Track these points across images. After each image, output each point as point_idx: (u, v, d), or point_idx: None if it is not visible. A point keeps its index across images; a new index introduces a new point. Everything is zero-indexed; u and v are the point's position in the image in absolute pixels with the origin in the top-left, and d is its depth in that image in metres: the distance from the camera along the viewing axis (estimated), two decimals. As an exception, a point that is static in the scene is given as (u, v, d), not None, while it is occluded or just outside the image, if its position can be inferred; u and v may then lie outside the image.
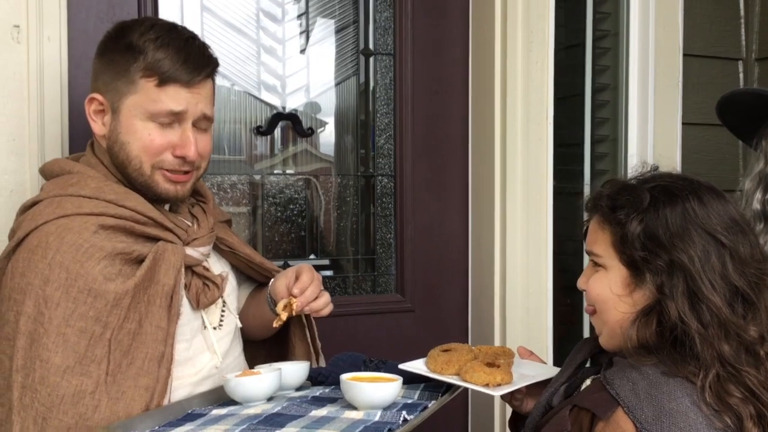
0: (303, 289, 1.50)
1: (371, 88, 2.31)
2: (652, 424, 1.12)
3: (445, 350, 1.50)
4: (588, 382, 1.34)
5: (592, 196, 1.33)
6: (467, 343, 2.34)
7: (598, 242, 1.28)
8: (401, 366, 1.48)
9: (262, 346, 1.73)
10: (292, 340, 1.71)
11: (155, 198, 1.47)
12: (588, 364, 1.41)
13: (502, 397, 1.43)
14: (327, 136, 2.31)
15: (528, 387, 1.44)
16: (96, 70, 1.47)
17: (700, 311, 1.17)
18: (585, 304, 1.36)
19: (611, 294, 1.25)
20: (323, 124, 2.29)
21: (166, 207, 1.52)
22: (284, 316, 1.49)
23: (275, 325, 1.50)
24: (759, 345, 1.19)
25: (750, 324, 1.19)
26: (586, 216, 1.35)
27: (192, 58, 1.43)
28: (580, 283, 1.34)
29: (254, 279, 1.72)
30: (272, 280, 1.61)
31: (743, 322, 1.19)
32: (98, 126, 1.46)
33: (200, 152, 1.46)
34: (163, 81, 1.41)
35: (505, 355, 1.51)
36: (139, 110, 1.42)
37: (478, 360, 1.46)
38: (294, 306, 1.49)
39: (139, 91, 1.41)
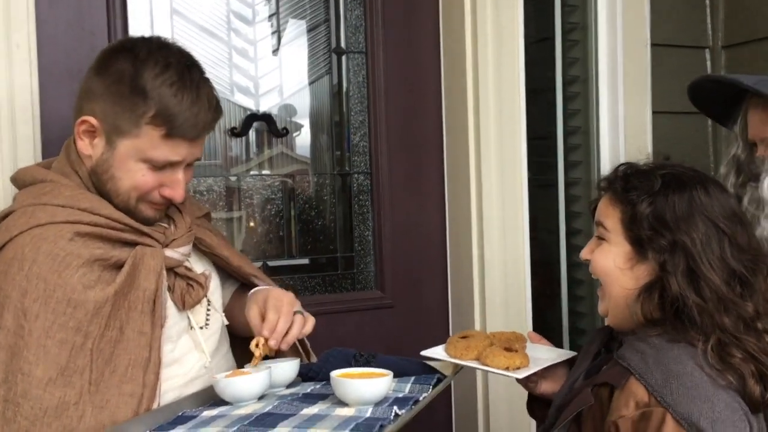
0: (272, 329, 1.48)
1: (344, 86, 2.31)
2: (662, 386, 1.21)
3: (463, 337, 1.56)
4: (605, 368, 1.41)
5: (606, 176, 1.43)
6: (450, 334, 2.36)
7: (609, 217, 1.37)
8: (423, 352, 1.55)
9: (249, 342, 1.72)
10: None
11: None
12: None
13: (520, 380, 1.49)
14: (302, 136, 2.30)
15: (542, 369, 1.51)
16: (92, 90, 1.41)
17: (699, 287, 1.27)
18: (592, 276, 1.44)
19: (614, 267, 1.36)
20: (298, 124, 2.29)
21: None
22: (258, 354, 1.48)
23: (252, 364, 1.48)
24: (757, 320, 1.29)
25: (747, 302, 1.29)
26: (598, 193, 1.45)
27: (202, 113, 1.40)
28: (584, 254, 1.43)
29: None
30: (253, 291, 1.59)
31: (740, 300, 1.29)
32: (85, 146, 1.43)
33: (185, 184, 1.46)
34: (170, 135, 1.38)
35: (518, 340, 1.59)
36: (136, 153, 1.39)
37: (496, 345, 1.52)
38: (269, 345, 1.48)
39: (141, 136, 1.38)
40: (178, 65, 1.40)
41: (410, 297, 2.35)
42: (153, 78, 1.37)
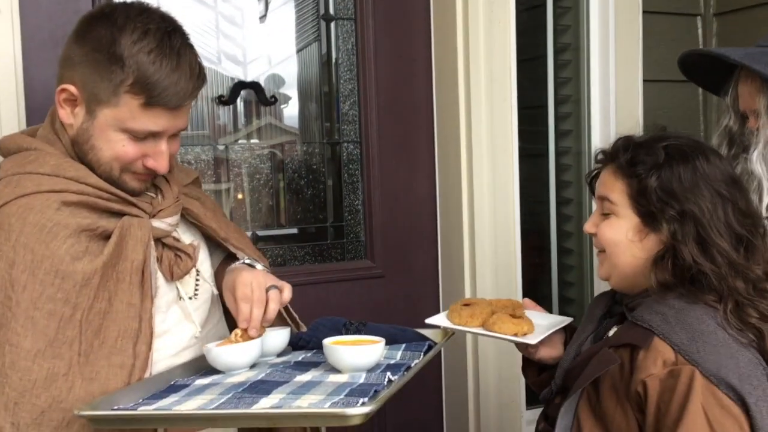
0: (247, 320, 1.45)
1: (333, 54, 2.29)
2: (688, 345, 1.25)
3: (465, 305, 1.57)
4: (613, 330, 1.44)
5: (606, 149, 1.46)
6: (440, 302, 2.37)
7: (615, 191, 1.41)
8: (427, 320, 1.56)
9: None
10: None
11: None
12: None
13: (523, 345, 1.53)
14: (290, 105, 2.28)
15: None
16: (72, 58, 1.37)
17: (711, 254, 1.32)
18: (594, 247, 1.50)
19: (625, 239, 1.39)
20: (286, 94, 2.26)
21: None
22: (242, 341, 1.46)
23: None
24: (765, 281, 1.35)
25: (753, 265, 1.34)
26: (595, 165, 1.49)
27: (183, 80, 1.34)
28: (588, 227, 1.47)
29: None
30: (224, 294, 1.55)
31: (748, 263, 1.34)
32: (66, 114, 1.39)
33: (171, 155, 1.43)
34: (150, 104, 1.33)
35: (517, 307, 1.60)
36: (116, 122, 1.35)
37: (501, 312, 1.53)
38: (249, 333, 1.45)
39: (120, 106, 1.33)
40: (157, 31, 1.35)
41: (400, 266, 2.35)
42: (131, 45, 1.32)
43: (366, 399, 1.15)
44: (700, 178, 1.35)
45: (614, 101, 2.39)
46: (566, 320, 1.59)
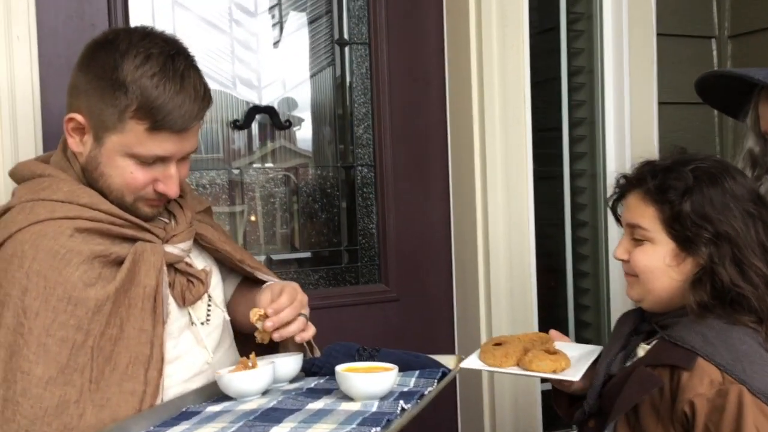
0: (278, 310, 1.45)
1: (347, 78, 2.30)
2: (733, 365, 1.26)
3: (497, 344, 1.53)
4: (642, 348, 1.43)
5: (628, 174, 1.46)
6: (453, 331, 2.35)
7: (646, 217, 1.40)
8: (462, 365, 1.52)
9: (252, 338, 1.71)
10: (285, 343, 1.69)
11: None
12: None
13: (564, 380, 1.48)
14: (305, 129, 2.29)
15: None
16: (77, 86, 1.39)
17: (748, 276, 1.33)
18: (623, 271, 1.48)
19: (662, 265, 1.39)
20: (300, 117, 2.27)
21: None
22: (263, 336, 1.47)
23: (259, 340, 1.48)
24: None
25: None
26: (616, 191, 1.49)
27: (187, 103, 1.35)
28: (619, 254, 1.46)
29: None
30: (259, 294, 1.56)
31: None
32: (75, 143, 1.40)
33: (181, 179, 1.43)
34: (155, 129, 1.34)
35: (545, 340, 1.58)
36: (123, 148, 1.36)
37: (536, 349, 1.49)
38: (265, 324, 1.45)
39: (126, 132, 1.35)
40: (160, 55, 1.35)
41: (415, 290, 2.34)
42: (133, 70, 1.32)
43: (378, 429, 1.14)
44: (729, 198, 1.36)
45: (629, 123, 2.38)
46: (597, 349, 1.55)
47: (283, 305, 1.47)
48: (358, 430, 1.14)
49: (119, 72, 1.33)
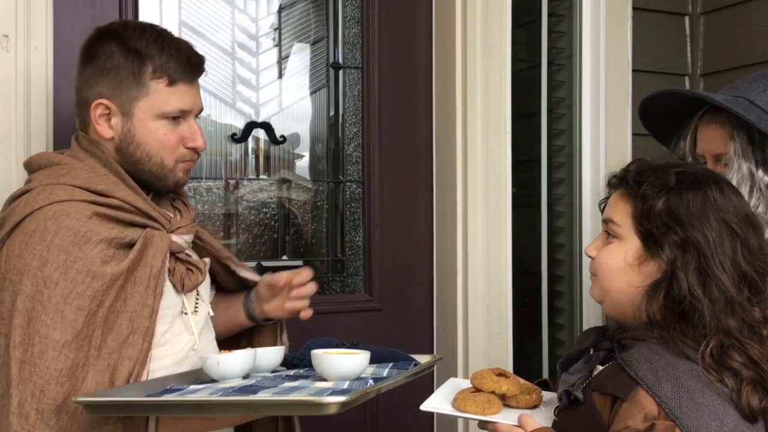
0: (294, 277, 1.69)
1: (340, 99, 2.44)
2: (671, 398, 1.20)
3: (477, 390, 1.49)
4: (599, 367, 1.39)
5: (616, 173, 1.43)
6: (433, 338, 2.46)
7: (619, 212, 1.37)
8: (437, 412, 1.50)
9: (226, 345, 1.77)
10: (260, 340, 1.81)
11: (164, 188, 1.59)
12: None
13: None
14: (299, 145, 2.43)
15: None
16: (90, 77, 1.54)
17: (709, 287, 1.26)
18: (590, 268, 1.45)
19: (623, 263, 1.35)
20: (295, 133, 2.42)
21: (149, 197, 1.59)
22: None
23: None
24: (763, 326, 1.28)
25: (755, 306, 1.28)
26: (607, 192, 1.45)
27: (191, 54, 1.57)
28: (589, 250, 1.43)
29: (219, 283, 1.80)
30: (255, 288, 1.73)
31: (748, 304, 1.28)
32: (104, 129, 1.54)
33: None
34: (173, 81, 1.52)
35: (530, 391, 1.53)
36: (152, 111, 1.52)
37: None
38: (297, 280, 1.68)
39: (150, 94, 1.52)
40: (151, 27, 1.57)
41: (397, 301, 2.45)
42: (138, 40, 1.52)
43: (345, 397, 1.20)
44: (710, 207, 1.30)
45: (604, 152, 2.51)
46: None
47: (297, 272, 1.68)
48: (327, 399, 1.20)
49: (128, 44, 1.52)
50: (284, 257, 2.39)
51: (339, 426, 2.28)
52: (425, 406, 1.47)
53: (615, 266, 1.36)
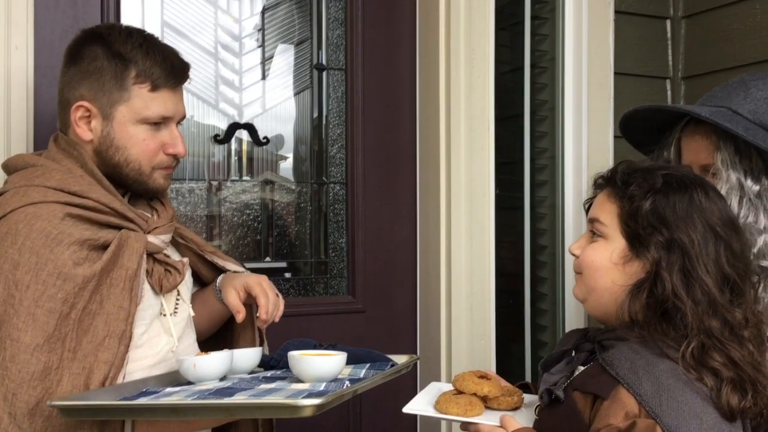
0: (267, 311, 1.63)
1: (324, 100, 2.45)
2: (652, 397, 1.23)
3: (459, 392, 1.51)
4: (580, 368, 1.42)
5: (603, 173, 1.45)
6: (416, 341, 2.47)
7: (605, 212, 1.40)
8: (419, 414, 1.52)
9: (207, 344, 1.78)
10: (238, 340, 1.80)
11: (145, 192, 1.59)
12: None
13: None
14: (282, 146, 2.43)
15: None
16: (72, 78, 1.53)
17: (692, 288, 1.29)
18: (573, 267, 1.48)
19: (608, 262, 1.38)
20: (278, 135, 2.42)
21: (126, 198, 1.59)
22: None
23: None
24: (743, 328, 1.31)
25: (736, 308, 1.31)
26: (593, 192, 1.47)
27: (175, 60, 1.56)
28: (573, 248, 1.46)
29: (199, 279, 1.79)
30: (222, 276, 1.71)
31: (730, 305, 1.31)
32: (84, 131, 1.53)
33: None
34: (155, 87, 1.52)
35: (511, 393, 1.55)
36: (132, 115, 1.52)
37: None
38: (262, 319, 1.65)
39: (132, 98, 1.51)
40: (138, 32, 1.57)
41: (381, 302, 2.46)
42: (123, 44, 1.52)
43: (320, 400, 1.22)
44: (695, 209, 1.33)
45: (586, 154, 2.52)
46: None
47: (265, 305, 1.63)
48: (302, 401, 1.20)
49: (112, 48, 1.51)
50: (267, 259, 2.39)
51: (322, 428, 2.28)
52: (408, 409, 1.50)
53: (600, 264, 1.38)
